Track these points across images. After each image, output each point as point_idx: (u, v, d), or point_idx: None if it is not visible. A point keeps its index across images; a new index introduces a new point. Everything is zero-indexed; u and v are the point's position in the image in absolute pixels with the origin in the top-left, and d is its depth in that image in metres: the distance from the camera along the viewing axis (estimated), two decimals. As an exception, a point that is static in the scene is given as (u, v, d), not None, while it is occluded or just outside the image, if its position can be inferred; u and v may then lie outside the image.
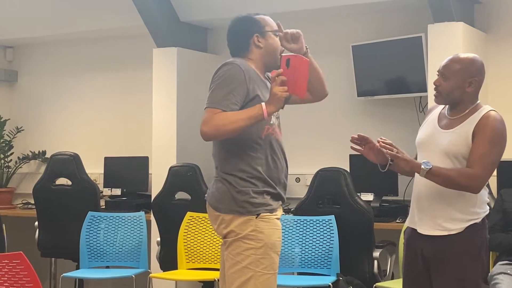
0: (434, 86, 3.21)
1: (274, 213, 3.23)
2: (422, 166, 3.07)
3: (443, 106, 3.31)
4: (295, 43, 3.31)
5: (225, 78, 3.16)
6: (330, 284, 4.89)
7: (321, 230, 5.16)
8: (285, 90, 3.06)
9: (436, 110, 3.33)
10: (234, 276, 3.18)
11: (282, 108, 3.18)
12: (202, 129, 3.12)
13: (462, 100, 3.19)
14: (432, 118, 3.31)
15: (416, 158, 3.27)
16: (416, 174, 3.25)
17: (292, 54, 3.13)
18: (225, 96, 3.12)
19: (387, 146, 3.11)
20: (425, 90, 5.32)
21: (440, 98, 3.22)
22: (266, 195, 3.20)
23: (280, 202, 3.30)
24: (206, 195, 3.34)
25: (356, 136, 3.26)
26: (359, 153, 3.30)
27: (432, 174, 3.07)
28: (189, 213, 5.52)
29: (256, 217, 3.16)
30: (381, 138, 3.14)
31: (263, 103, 3.10)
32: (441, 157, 3.13)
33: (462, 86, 3.16)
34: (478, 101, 3.22)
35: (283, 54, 3.15)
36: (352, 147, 3.28)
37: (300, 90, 3.13)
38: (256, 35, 3.30)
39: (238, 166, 3.19)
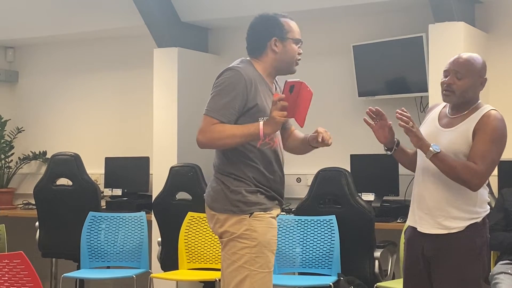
0: (445, 85, 3.17)
1: (268, 212, 3.24)
2: (431, 148, 3.07)
3: (444, 105, 3.30)
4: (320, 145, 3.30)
5: (226, 86, 3.17)
6: (331, 284, 4.89)
7: (322, 230, 5.16)
8: (284, 115, 3.07)
9: (436, 109, 3.33)
10: (231, 276, 3.20)
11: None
12: (198, 138, 3.18)
13: (471, 100, 3.19)
14: (432, 117, 3.31)
15: (416, 157, 3.28)
16: (416, 173, 3.26)
17: (298, 81, 3.10)
18: (224, 105, 3.14)
19: (404, 118, 3.09)
20: (426, 90, 5.32)
21: (452, 97, 3.18)
22: (259, 194, 3.22)
23: (276, 202, 3.31)
24: (204, 194, 3.36)
25: (374, 109, 3.25)
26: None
27: (437, 158, 3.07)
28: (190, 213, 5.52)
29: (249, 216, 3.18)
30: (402, 109, 3.12)
31: (261, 123, 3.11)
32: (443, 155, 3.13)
33: (476, 85, 3.18)
34: (479, 101, 3.23)
35: (287, 80, 3.12)
36: (365, 119, 3.27)
37: (300, 118, 3.12)
38: (275, 38, 3.27)
39: (232, 171, 3.23)
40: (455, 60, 3.20)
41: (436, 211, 3.16)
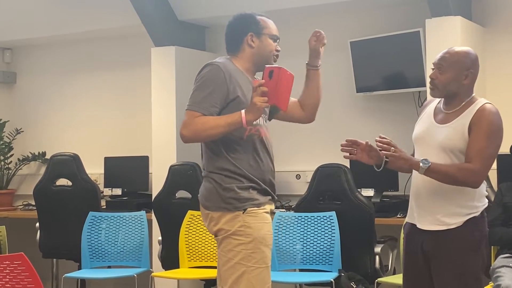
0: (430, 79, 3.21)
1: (261, 207, 3.24)
2: (421, 164, 3.07)
3: (438, 100, 3.30)
4: (320, 46, 3.53)
5: (205, 80, 3.22)
6: (332, 280, 4.89)
7: (322, 226, 5.17)
8: (265, 101, 3.09)
9: (432, 105, 3.32)
10: (227, 273, 3.21)
11: (269, 120, 3.31)
12: (181, 132, 3.24)
13: (458, 93, 3.19)
14: (427, 113, 3.30)
15: (413, 154, 3.27)
16: (414, 171, 3.25)
17: (276, 66, 3.15)
18: (204, 99, 3.19)
19: (385, 146, 3.09)
20: (424, 85, 5.32)
21: (436, 91, 3.21)
22: (252, 190, 3.23)
23: (269, 197, 3.31)
24: (199, 195, 3.37)
25: (345, 143, 3.25)
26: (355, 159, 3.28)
27: (431, 171, 3.07)
28: (190, 212, 5.52)
29: (243, 213, 3.19)
30: (379, 136, 3.13)
31: (242, 111, 3.13)
32: (438, 152, 3.13)
33: (458, 78, 3.17)
34: (473, 94, 3.22)
35: (266, 66, 3.17)
36: (345, 156, 3.28)
37: (282, 103, 3.15)
38: (251, 34, 3.32)
39: (222, 166, 3.24)
40: (441, 54, 3.21)
41: (434, 207, 3.16)
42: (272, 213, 3.35)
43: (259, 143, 3.28)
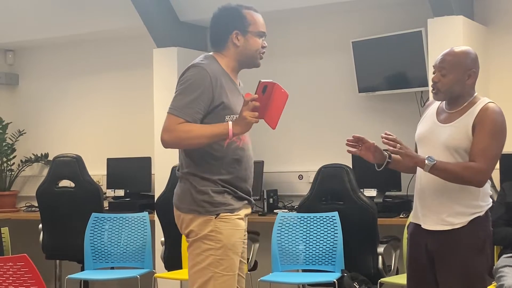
0: (433, 83, 3.19)
1: (235, 213, 3.16)
2: (426, 162, 3.06)
3: (441, 100, 3.30)
4: None
5: (190, 84, 3.09)
6: (335, 280, 4.89)
7: (325, 226, 5.16)
8: (255, 116, 2.99)
9: (434, 104, 3.32)
10: (195, 277, 3.15)
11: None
12: (163, 137, 3.13)
13: (462, 94, 3.18)
14: (430, 112, 3.30)
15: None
16: (418, 170, 3.25)
17: (271, 81, 3.02)
18: (188, 104, 3.06)
19: (390, 142, 3.09)
20: (426, 85, 5.32)
21: (440, 95, 3.19)
22: (226, 194, 3.15)
23: (245, 202, 3.23)
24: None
25: (351, 138, 3.24)
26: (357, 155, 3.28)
27: (436, 169, 3.07)
28: (192, 213, 5.51)
29: (215, 217, 3.11)
30: (385, 133, 3.12)
31: (230, 123, 3.03)
32: (442, 151, 3.13)
33: (461, 79, 3.16)
34: (476, 93, 3.22)
35: (262, 80, 3.02)
36: (348, 150, 3.26)
37: (272, 120, 3.04)
38: (236, 32, 3.20)
39: (198, 169, 3.15)
40: (441, 56, 3.19)
41: (439, 207, 3.15)
42: (245, 216, 3.25)
43: (239, 151, 3.18)
